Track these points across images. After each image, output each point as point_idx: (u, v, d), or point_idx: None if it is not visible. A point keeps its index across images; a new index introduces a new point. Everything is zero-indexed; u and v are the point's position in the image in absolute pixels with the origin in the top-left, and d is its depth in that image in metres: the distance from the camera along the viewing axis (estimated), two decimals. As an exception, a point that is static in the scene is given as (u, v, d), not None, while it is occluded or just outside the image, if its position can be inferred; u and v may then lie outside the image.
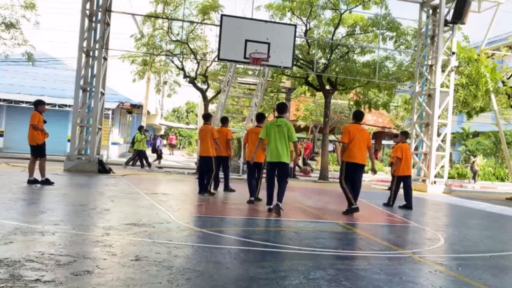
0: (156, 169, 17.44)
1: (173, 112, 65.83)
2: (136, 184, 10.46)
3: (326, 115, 17.75)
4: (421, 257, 4.67)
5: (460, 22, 14.53)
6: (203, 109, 19.51)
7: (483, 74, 16.00)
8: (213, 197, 8.83)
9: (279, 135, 6.94)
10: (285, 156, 6.97)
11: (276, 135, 6.96)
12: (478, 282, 3.81)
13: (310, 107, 27.09)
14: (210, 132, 9.01)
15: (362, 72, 16.44)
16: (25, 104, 20.77)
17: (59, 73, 23.55)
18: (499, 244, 5.85)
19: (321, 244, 5.00)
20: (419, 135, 15.64)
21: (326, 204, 9.04)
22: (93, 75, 13.60)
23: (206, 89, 18.72)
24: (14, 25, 15.01)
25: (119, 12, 14.92)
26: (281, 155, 6.94)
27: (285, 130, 6.95)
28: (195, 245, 4.54)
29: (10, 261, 3.43)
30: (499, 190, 19.82)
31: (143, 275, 3.33)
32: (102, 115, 13.97)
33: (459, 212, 9.86)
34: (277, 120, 7.09)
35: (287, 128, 6.97)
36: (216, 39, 15.22)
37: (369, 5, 16.29)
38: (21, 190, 7.76)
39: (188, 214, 6.79)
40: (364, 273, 3.85)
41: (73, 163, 12.99)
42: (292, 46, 12.86)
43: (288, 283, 3.39)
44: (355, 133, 7.43)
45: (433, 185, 14.58)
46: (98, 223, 5.35)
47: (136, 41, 17.48)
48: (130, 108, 26.05)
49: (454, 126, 21.94)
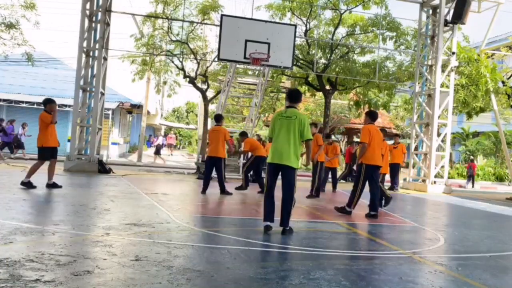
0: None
1: (173, 112, 65.81)
2: (136, 184, 10.46)
3: (326, 115, 17.75)
4: (421, 257, 4.67)
5: (460, 22, 14.53)
6: (203, 109, 19.53)
7: (483, 74, 16.01)
8: (213, 197, 8.84)
9: (287, 129, 5.33)
10: (291, 158, 5.26)
11: (283, 129, 5.35)
12: (478, 282, 3.81)
13: (310, 107, 27.11)
14: (222, 134, 9.22)
15: (362, 72, 16.45)
16: (25, 104, 20.79)
17: (59, 73, 23.55)
18: (499, 244, 5.85)
19: (321, 244, 5.00)
20: (419, 135, 15.64)
21: (326, 204, 9.04)
22: (93, 75, 13.60)
23: (206, 89, 18.72)
24: (14, 25, 15.00)
25: (119, 12, 14.92)
26: (284, 156, 5.26)
27: (296, 123, 5.32)
28: (195, 245, 4.54)
29: (10, 261, 3.43)
30: (499, 190, 19.83)
31: (143, 275, 3.33)
32: (102, 115, 13.97)
33: (459, 212, 9.86)
34: (287, 111, 5.47)
35: (299, 122, 5.33)
36: (216, 39, 15.23)
37: (369, 5, 16.30)
38: (21, 190, 7.76)
39: (188, 214, 6.79)
40: (364, 273, 3.85)
41: (73, 163, 12.99)
42: (292, 46, 12.86)
43: (288, 283, 3.39)
44: (375, 134, 7.20)
45: (433, 185, 14.57)
46: (98, 223, 5.35)
47: (136, 41, 17.47)
48: (130, 108, 26.05)
49: (454, 126, 21.93)
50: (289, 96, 5.66)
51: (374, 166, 7.17)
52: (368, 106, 18.19)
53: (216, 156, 9.18)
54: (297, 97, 5.63)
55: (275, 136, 5.42)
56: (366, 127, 7.26)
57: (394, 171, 13.32)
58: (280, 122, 5.41)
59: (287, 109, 5.51)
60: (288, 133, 5.32)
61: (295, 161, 5.28)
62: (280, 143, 5.32)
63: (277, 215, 5.37)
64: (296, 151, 5.32)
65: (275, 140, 5.40)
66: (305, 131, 5.36)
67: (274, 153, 5.35)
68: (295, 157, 5.29)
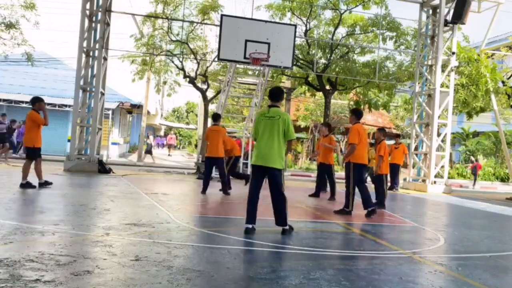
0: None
1: (173, 112, 65.82)
2: (136, 184, 10.46)
3: (326, 115, 17.76)
4: (421, 257, 4.67)
5: (460, 22, 14.54)
6: (203, 109, 19.52)
7: (483, 74, 16.01)
8: (213, 197, 8.84)
9: (271, 130, 5.24)
10: (276, 160, 5.20)
11: (266, 130, 5.26)
12: (478, 282, 3.81)
13: (310, 107, 27.12)
14: (222, 133, 9.35)
15: (362, 72, 16.46)
16: (25, 104, 20.74)
17: (59, 73, 23.55)
18: (499, 244, 5.85)
19: (321, 244, 5.00)
20: (419, 135, 15.65)
21: (326, 204, 9.04)
22: (93, 75, 13.60)
23: (206, 89, 18.73)
24: (14, 25, 15.00)
25: (119, 12, 14.92)
26: (269, 158, 5.19)
27: (280, 123, 5.24)
28: (195, 245, 4.54)
29: (10, 261, 3.43)
30: (499, 190, 19.82)
31: (143, 275, 3.33)
32: (102, 115, 13.97)
33: (459, 212, 9.85)
34: (270, 110, 5.37)
35: (282, 122, 5.25)
36: (216, 39, 15.23)
37: (369, 5, 16.31)
38: (21, 190, 7.76)
39: (188, 214, 6.79)
40: (364, 273, 3.85)
41: (73, 163, 12.99)
42: (292, 46, 12.85)
43: (288, 283, 3.39)
44: (363, 134, 7.40)
45: (433, 185, 14.57)
46: (98, 223, 5.34)
47: (136, 41, 17.48)
48: (130, 108, 26.05)
49: (454, 126, 21.93)
50: (271, 95, 5.53)
51: (362, 165, 7.39)
52: (368, 106, 18.20)
53: (215, 156, 9.20)
54: (279, 96, 5.52)
55: (259, 137, 5.36)
56: (355, 128, 7.42)
57: (394, 172, 13.31)
58: (264, 123, 5.32)
59: (270, 109, 5.40)
60: (272, 134, 5.23)
61: (280, 162, 5.23)
62: (265, 144, 5.24)
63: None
64: (281, 152, 5.26)
65: (260, 141, 5.33)
66: (289, 130, 5.28)
67: (259, 155, 5.27)
68: (280, 158, 5.23)
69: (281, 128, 5.24)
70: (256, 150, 5.37)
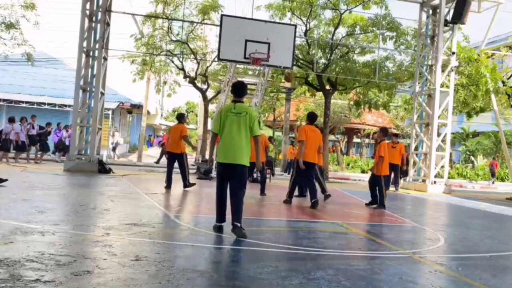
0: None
1: (173, 112, 65.81)
2: (136, 184, 10.46)
3: (326, 115, 17.75)
4: (421, 257, 4.67)
5: (460, 22, 14.53)
6: (203, 109, 19.53)
7: (483, 74, 16.00)
8: (213, 197, 8.83)
9: (238, 127, 5.07)
10: (244, 157, 5.07)
11: (232, 126, 5.09)
12: (478, 282, 3.81)
13: (310, 107, 27.10)
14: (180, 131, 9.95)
15: (362, 72, 16.45)
16: (25, 104, 20.80)
17: (59, 73, 23.55)
18: (499, 244, 5.85)
19: (321, 244, 5.00)
20: (419, 135, 15.64)
21: (326, 204, 9.04)
22: (93, 75, 13.60)
23: (206, 89, 18.73)
24: (14, 25, 15.00)
25: (119, 12, 14.92)
26: (238, 155, 5.03)
27: (247, 119, 5.09)
28: (195, 245, 4.54)
29: (10, 261, 3.43)
30: (499, 190, 19.82)
31: (143, 275, 3.33)
32: (102, 115, 13.97)
33: (459, 212, 9.85)
34: (236, 106, 5.18)
35: (249, 117, 5.11)
36: (216, 39, 15.24)
37: (369, 5, 16.30)
38: (21, 190, 7.76)
39: (188, 214, 6.79)
40: (364, 273, 3.85)
41: (73, 163, 12.99)
42: (292, 46, 12.84)
43: (288, 283, 3.39)
44: (309, 134, 8.18)
45: (433, 185, 14.57)
46: (98, 223, 5.35)
47: (136, 41, 17.48)
48: (130, 108, 26.07)
49: (454, 126, 21.93)
50: (234, 90, 5.34)
51: (308, 163, 8.10)
52: (368, 106, 18.19)
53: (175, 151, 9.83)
54: (242, 91, 5.34)
55: (225, 133, 5.13)
56: (302, 128, 8.41)
57: (394, 172, 13.24)
58: (230, 119, 5.12)
59: (235, 104, 5.21)
60: (239, 131, 5.07)
61: (247, 159, 5.11)
62: (233, 141, 5.06)
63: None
64: (248, 149, 5.13)
65: (226, 137, 5.11)
66: (254, 126, 5.14)
67: (227, 152, 5.07)
68: (247, 155, 5.11)
69: (248, 124, 5.10)
70: (222, 147, 5.13)
